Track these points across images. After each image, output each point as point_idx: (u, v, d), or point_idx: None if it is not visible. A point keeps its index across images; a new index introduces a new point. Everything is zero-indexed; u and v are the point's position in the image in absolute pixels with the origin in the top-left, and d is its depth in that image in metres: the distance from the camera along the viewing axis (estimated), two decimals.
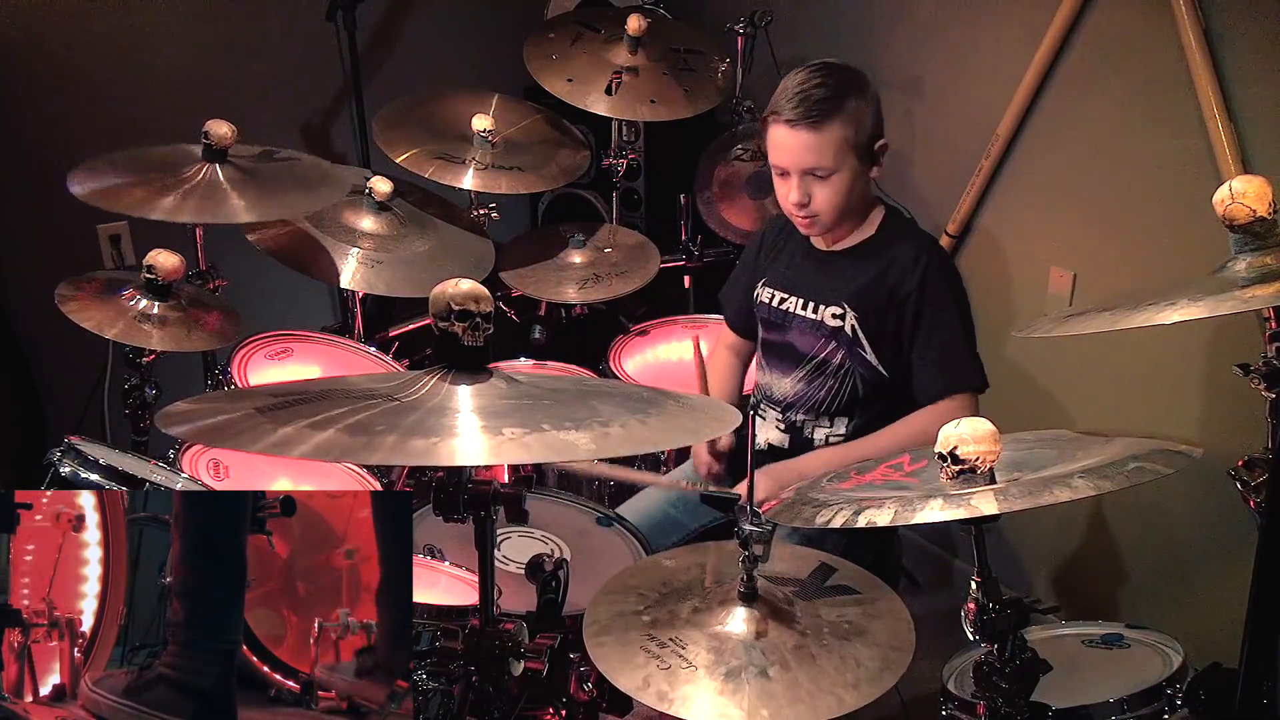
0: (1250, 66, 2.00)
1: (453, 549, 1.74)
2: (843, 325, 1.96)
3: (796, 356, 2.03)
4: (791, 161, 1.90)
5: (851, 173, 1.90)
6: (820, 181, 1.90)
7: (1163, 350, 2.23)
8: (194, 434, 1.21)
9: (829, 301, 1.98)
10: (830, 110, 1.85)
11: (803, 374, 2.02)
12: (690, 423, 1.30)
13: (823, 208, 1.92)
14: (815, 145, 1.86)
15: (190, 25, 2.90)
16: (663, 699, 1.22)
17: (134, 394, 2.00)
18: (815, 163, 1.88)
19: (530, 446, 1.07)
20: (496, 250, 2.57)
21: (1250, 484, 1.38)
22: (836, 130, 1.86)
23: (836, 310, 1.97)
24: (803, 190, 1.91)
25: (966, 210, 2.61)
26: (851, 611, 1.36)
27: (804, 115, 1.85)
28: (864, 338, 1.95)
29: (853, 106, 1.87)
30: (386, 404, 1.14)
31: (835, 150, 1.87)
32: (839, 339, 1.97)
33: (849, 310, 1.95)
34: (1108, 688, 1.45)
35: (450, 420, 1.10)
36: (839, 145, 1.87)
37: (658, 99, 2.57)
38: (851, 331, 1.95)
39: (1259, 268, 1.31)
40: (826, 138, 1.86)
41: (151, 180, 2.06)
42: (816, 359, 2.00)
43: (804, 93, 1.85)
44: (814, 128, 1.85)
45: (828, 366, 1.99)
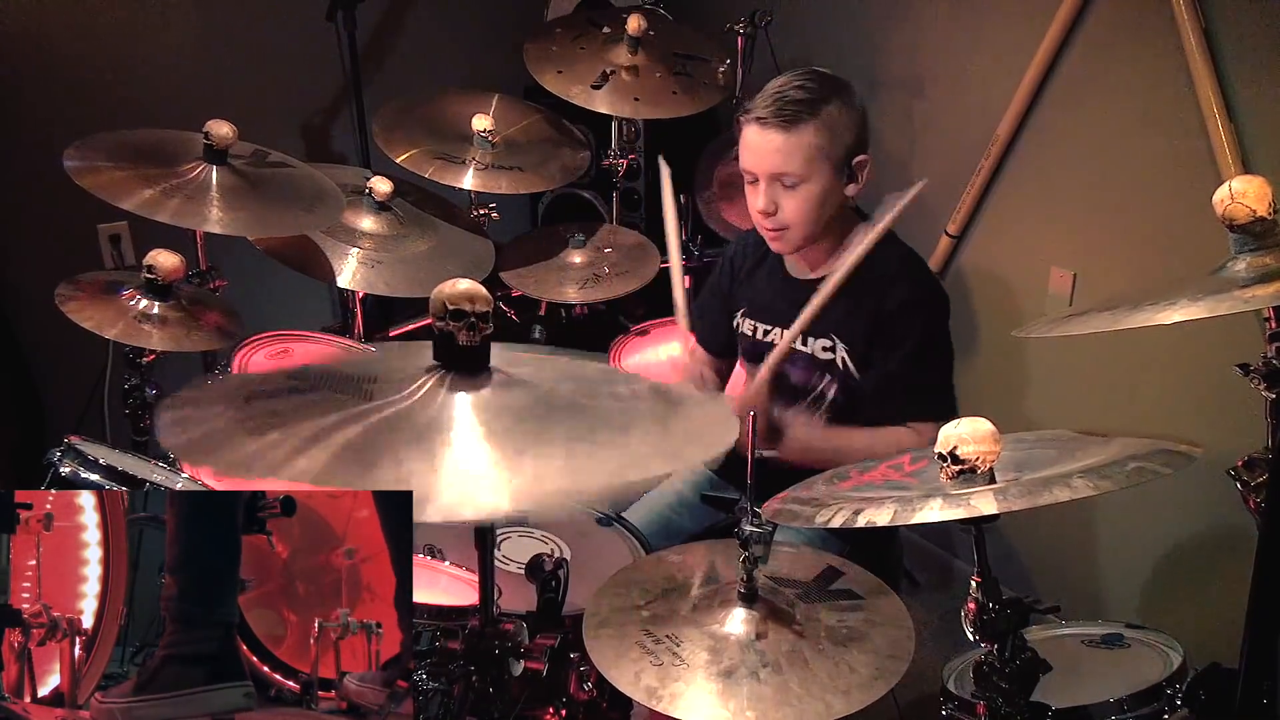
0: (1250, 66, 2.01)
1: (453, 549, 1.74)
2: (834, 358, 1.89)
3: (793, 390, 1.95)
4: (758, 164, 1.81)
5: (823, 185, 1.80)
6: (789, 191, 1.81)
7: (1163, 350, 2.23)
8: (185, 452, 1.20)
9: (816, 334, 1.89)
10: (803, 113, 1.76)
11: (803, 408, 1.94)
12: (695, 433, 1.23)
13: (790, 220, 1.83)
14: (784, 148, 1.78)
15: (190, 25, 2.91)
16: (652, 695, 1.22)
17: (134, 394, 1.99)
18: (782, 166, 1.79)
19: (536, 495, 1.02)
20: (496, 250, 2.56)
21: (1250, 484, 1.38)
22: (809, 135, 1.77)
23: (825, 343, 1.89)
24: (769, 198, 1.82)
25: (966, 210, 2.61)
26: (852, 617, 1.36)
27: (775, 114, 1.77)
28: (854, 368, 1.88)
29: (830, 113, 1.78)
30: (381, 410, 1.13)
31: (805, 156, 1.78)
32: (831, 372, 1.90)
33: (838, 342, 1.88)
34: (1108, 688, 1.45)
35: (445, 439, 1.07)
36: (809, 151, 1.78)
37: (644, 98, 2.55)
38: (843, 364, 1.88)
39: (1259, 268, 1.30)
40: (796, 141, 1.77)
41: (149, 175, 2.04)
42: (814, 392, 1.94)
43: (780, 94, 1.78)
44: (784, 129, 1.77)
45: (824, 401, 1.93)
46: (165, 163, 2.09)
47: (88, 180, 1.97)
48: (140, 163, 2.07)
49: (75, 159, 2.01)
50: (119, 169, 2.03)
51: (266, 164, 2.24)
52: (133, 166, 2.05)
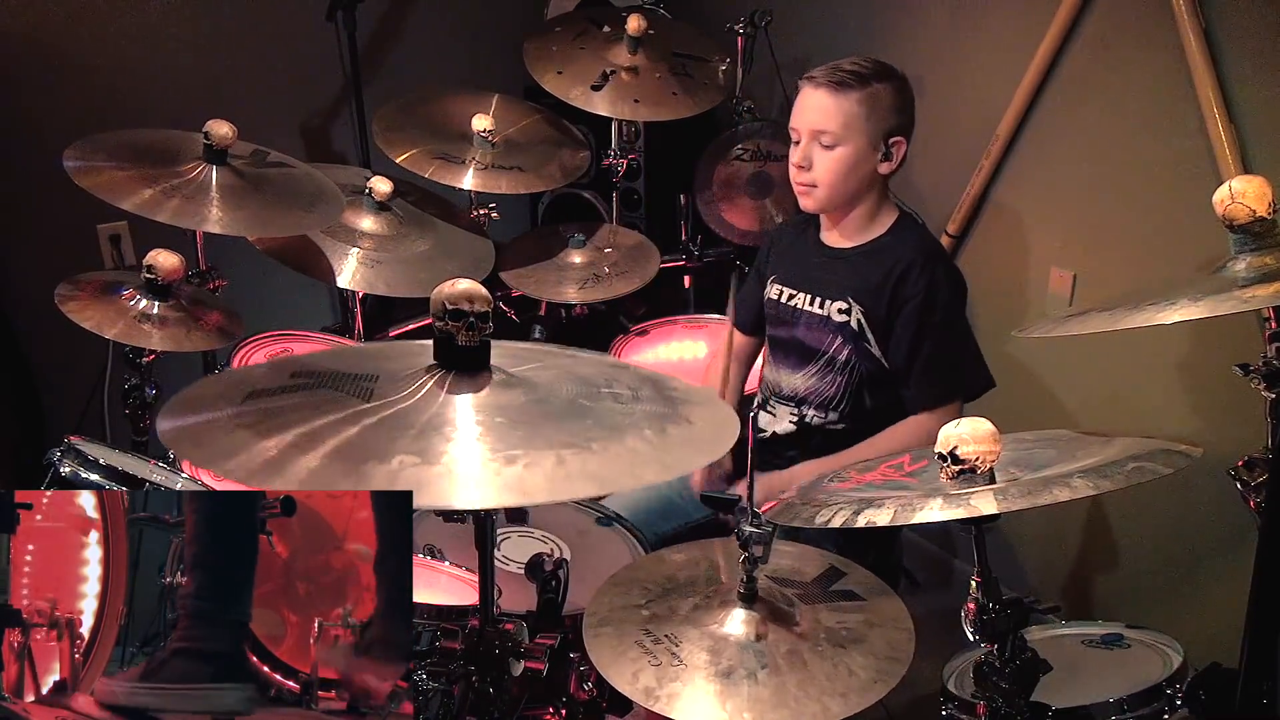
0: (1250, 66, 2.00)
1: (453, 549, 1.74)
2: (849, 320, 1.98)
3: (805, 352, 2.05)
4: (803, 120, 1.95)
5: (856, 150, 1.93)
6: (824, 151, 1.93)
7: (1163, 350, 2.23)
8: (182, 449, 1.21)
9: (835, 296, 2.00)
10: (853, 82, 1.90)
11: (814, 370, 2.04)
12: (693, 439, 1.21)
13: (821, 178, 1.95)
14: (828, 108, 1.91)
15: (190, 25, 2.90)
16: (649, 695, 1.22)
17: (134, 394, 2.00)
18: (823, 124, 1.92)
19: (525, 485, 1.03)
20: (496, 250, 2.57)
21: (1250, 484, 1.38)
22: (853, 102, 1.90)
23: (842, 305, 1.98)
24: (805, 154, 1.95)
25: (966, 210, 2.61)
26: (852, 618, 1.36)
27: (827, 77, 1.91)
28: (869, 332, 1.96)
29: (877, 89, 1.91)
30: (379, 410, 1.13)
31: (845, 119, 1.91)
32: (844, 334, 1.98)
33: (855, 305, 1.97)
34: (1108, 688, 1.45)
35: (444, 442, 1.08)
36: (850, 116, 1.91)
37: (644, 99, 2.56)
38: (858, 325, 1.97)
39: (1259, 268, 1.31)
40: (840, 104, 1.90)
41: (149, 175, 2.04)
42: (825, 355, 2.02)
43: (838, 64, 1.93)
44: (833, 91, 1.91)
45: (835, 363, 2.01)
46: (165, 163, 2.09)
47: (88, 180, 1.97)
48: (140, 163, 2.07)
49: (75, 159, 2.01)
50: (119, 169, 2.03)
51: (266, 164, 2.24)
52: (133, 166, 2.05)
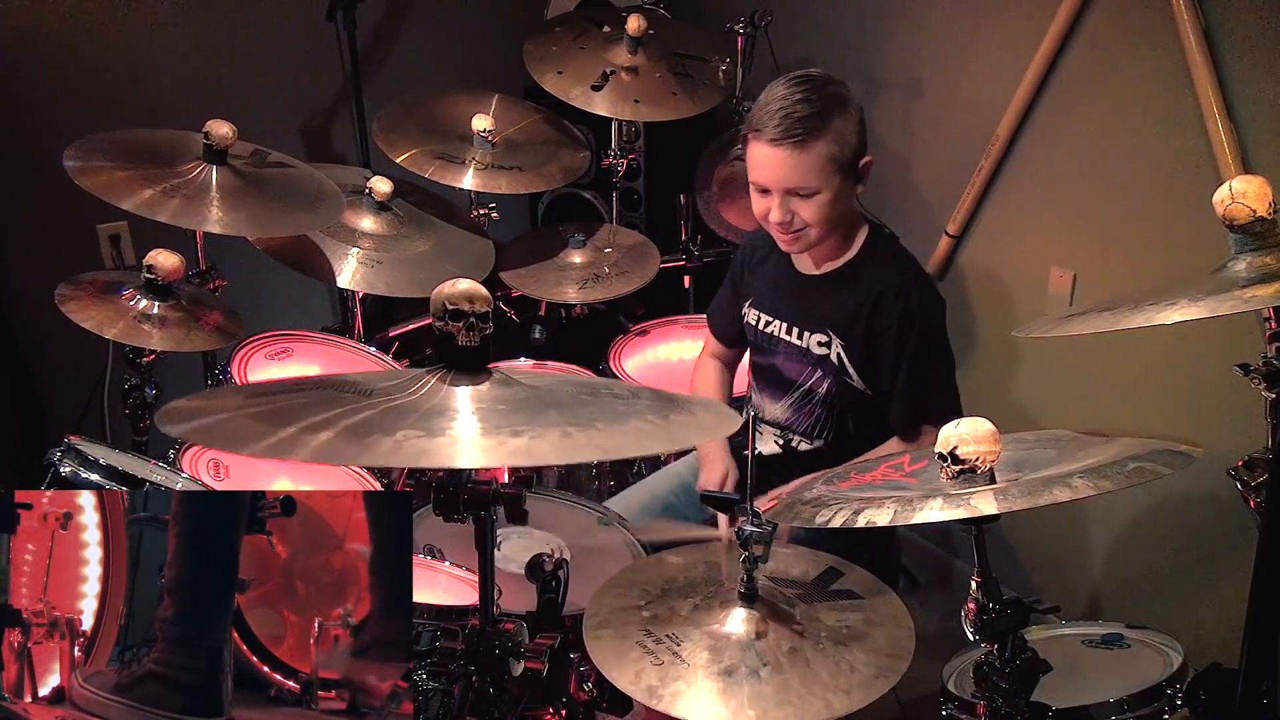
0: (1250, 66, 2.00)
1: (453, 549, 1.74)
2: (828, 354, 1.93)
3: (785, 382, 2.01)
4: (774, 180, 1.83)
5: (835, 191, 1.83)
6: (803, 200, 1.83)
7: (1163, 350, 2.23)
8: (192, 433, 1.21)
9: (814, 328, 1.95)
10: (814, 129, 1.78)
11: (792, 400, 2.01)
12: (696, 424, 1.27)
13: (809, 223, 1.85)
14: (799, 165, 1.79)
15: (190, 25, 2.90)
16: (652, 694, 1.22)
17: (134, 394, 2.00)
18: (799, 183, 1.81)
19: (532, 450, 1.05)
20: (496, 250, 2.57)
21: (1250, 484, 1.38)
22: (821, 149, 1.79)
23: (821, 338, 1.94)
24: (785, 209, 1.84)
25: (966, 210, 2.61)
26: (853, 616, 1.36)
27: (787, 134, 1.77)
28: (850, 365, 1.92)
29: (838, 124, 1.79)
30: (385, 404, 1.13)
31: (820, 170, 1.80)
32: (824, 368, 1.94)
33: (834, 338, 1.92)
34: (1108, 688, 1.45)
35: (448, 421, 1.10)
36: (823, 164, 1.80)
37: (644, 99, 2.55)
38: (838, 360, 1.93)
39: (1259, 268, 1.30)
40: (811, 157, 1.79)
41: (149, 175, 2.04)
42: (804, 387, 1.98)
43: (786, 110, 1.77)
44: (798, 147, 1.78)
45: (814, 395, 1.97)
46: (165, 163, 2.09)
47: (88, 180, 1.97)
48: (140, 163, 2.07)
49: (75, 159, 2.01)
50: (119, 169, 2.03)
51: (266, 164, 2.24)
52: (133, 166, 2.05)
